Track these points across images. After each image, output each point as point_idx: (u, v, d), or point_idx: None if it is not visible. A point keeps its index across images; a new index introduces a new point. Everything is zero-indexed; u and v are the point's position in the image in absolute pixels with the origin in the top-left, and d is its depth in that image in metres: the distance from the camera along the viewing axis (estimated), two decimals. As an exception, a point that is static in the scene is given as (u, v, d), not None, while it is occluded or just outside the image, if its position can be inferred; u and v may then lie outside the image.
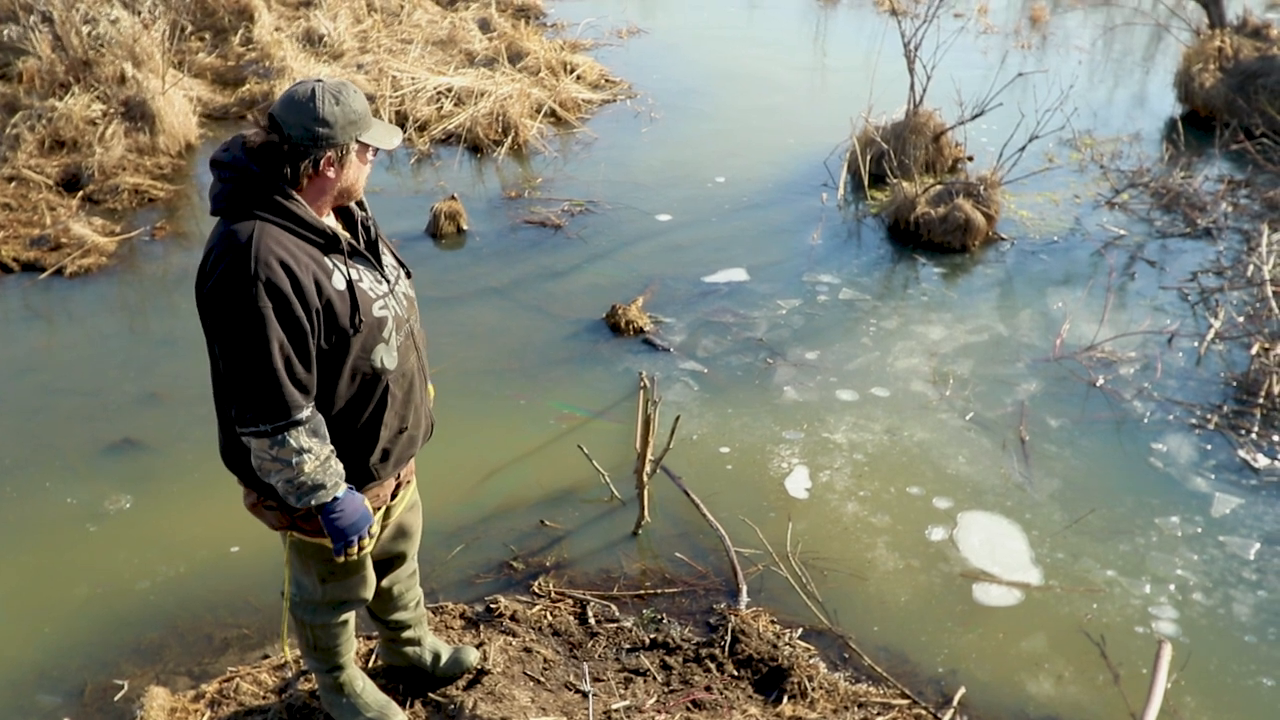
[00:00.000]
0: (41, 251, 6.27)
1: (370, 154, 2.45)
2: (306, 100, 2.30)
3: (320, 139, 2.31)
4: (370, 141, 2.39)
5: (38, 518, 4.23)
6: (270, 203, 2.31)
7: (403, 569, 3.07)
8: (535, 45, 10.15)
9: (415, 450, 2.72)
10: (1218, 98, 9.63)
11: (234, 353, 2.29)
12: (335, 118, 2.31)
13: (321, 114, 2.30)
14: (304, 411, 2.34)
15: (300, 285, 2.28)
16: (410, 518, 2.98)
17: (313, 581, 2.79)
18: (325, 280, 2.34)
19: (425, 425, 2.74)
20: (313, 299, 2.31)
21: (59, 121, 7.52)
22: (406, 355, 2.57)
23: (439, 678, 3.34)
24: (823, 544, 4.25)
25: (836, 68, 11.30)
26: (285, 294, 2.25)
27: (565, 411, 5.03)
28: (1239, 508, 4.56)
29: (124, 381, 5.13)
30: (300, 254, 2.31)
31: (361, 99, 2.39)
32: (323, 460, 2.38)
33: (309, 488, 2.38)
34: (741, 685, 3.49)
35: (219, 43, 9.85)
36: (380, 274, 2.53)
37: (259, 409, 2.30)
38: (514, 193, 7.56)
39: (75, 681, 3.48)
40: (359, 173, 2.44)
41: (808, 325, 5.95)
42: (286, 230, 2.32)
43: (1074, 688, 3.62)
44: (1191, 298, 6.43)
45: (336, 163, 2.37)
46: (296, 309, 2.28)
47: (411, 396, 2.62)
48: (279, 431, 2.31)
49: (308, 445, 2.35)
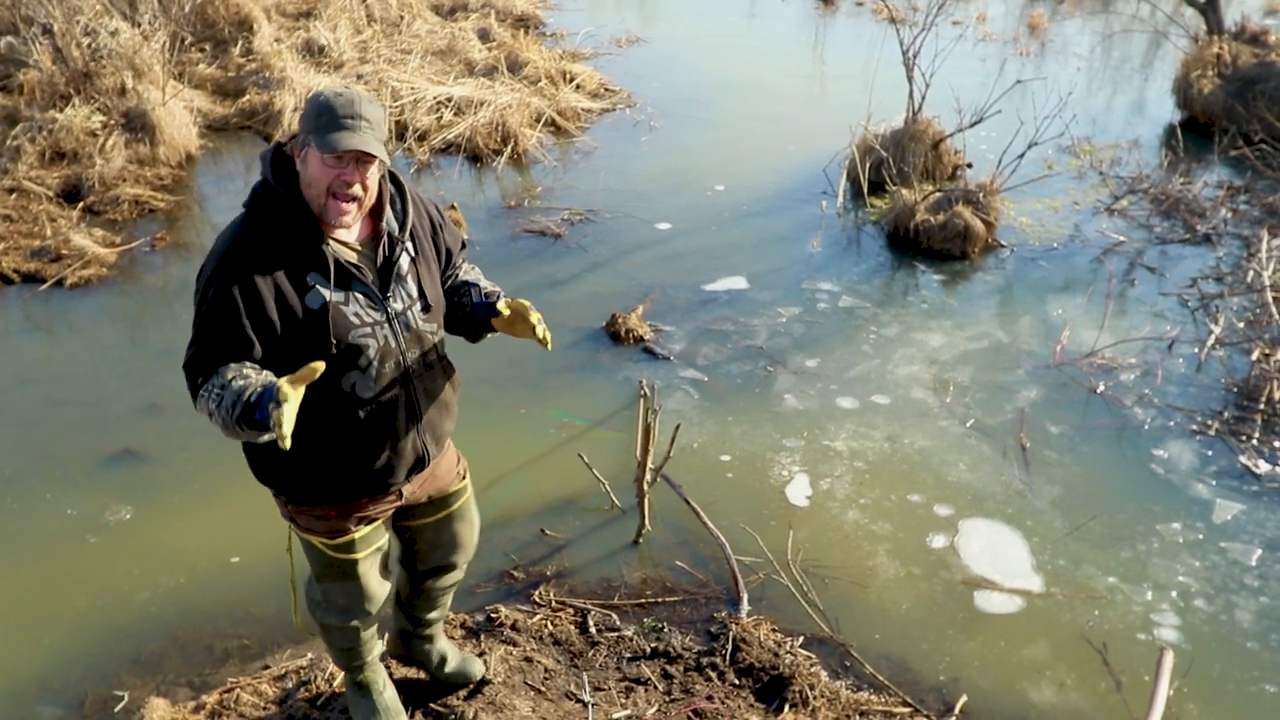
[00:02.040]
0: (42, 263, 6.27)
1: (329, 159, 2.29)
2: (311, 95, 2.38)
3: (299, 130, 2.36)
4: (317, 144, 2.28)
5: (38, 528, 4.23)
6: (273, 208, 2.35)
7: (451, 576, 3.09)
8: (534, 55, 10.16)
9: (394, 480, 2.63)
10: (1216, 104, 9.64)
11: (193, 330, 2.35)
12: (307, 114, 2.33)
13: (307, 107, 2.35)
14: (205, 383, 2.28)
15: (257, 297, 2.29)
16: (457, 530, 2.98)
17: (313, 575, 2.84)
18: (293, 297, 2.33)
19: (411, 458, 2.63)
20: (269, 312, 2.30)
21: (59, 133, 7.54)
22: (389, 387, 2.50)
23: (441, 681, 3.35)
24: (824, 552, 4.24)
25: (835, 75, 11.33)
26: (234, 305, 2.28)
27: (565, 420, 5.02)
28: (1240, 514, 4.56)
29: (124, 392, 5.13)
30: (273, 268, 2.31)
31: (343, 103, 2.29)
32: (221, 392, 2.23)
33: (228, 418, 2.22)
34: (743, 694, 3.48)
35: (219, 54, 9.87)
36: (378, 301, 2.46)
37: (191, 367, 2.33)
38: (514, 202, 7.57)
39: (75, 693, 3.48)
40: (314, 176, 2.31)
41: (808, 333, 5.95)
42: (278, 234, 2.33)
43: (1076, 695, 3.61)
44: (1191, 304, 6.43)
45: (299, 157, 2.35)
46: (242, 320, 2.29)
47: (388, 429, 2.54)
48: (194, 395, 2.32)
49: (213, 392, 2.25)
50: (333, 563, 2.73)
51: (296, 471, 2.53)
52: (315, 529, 2.67)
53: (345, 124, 2.29)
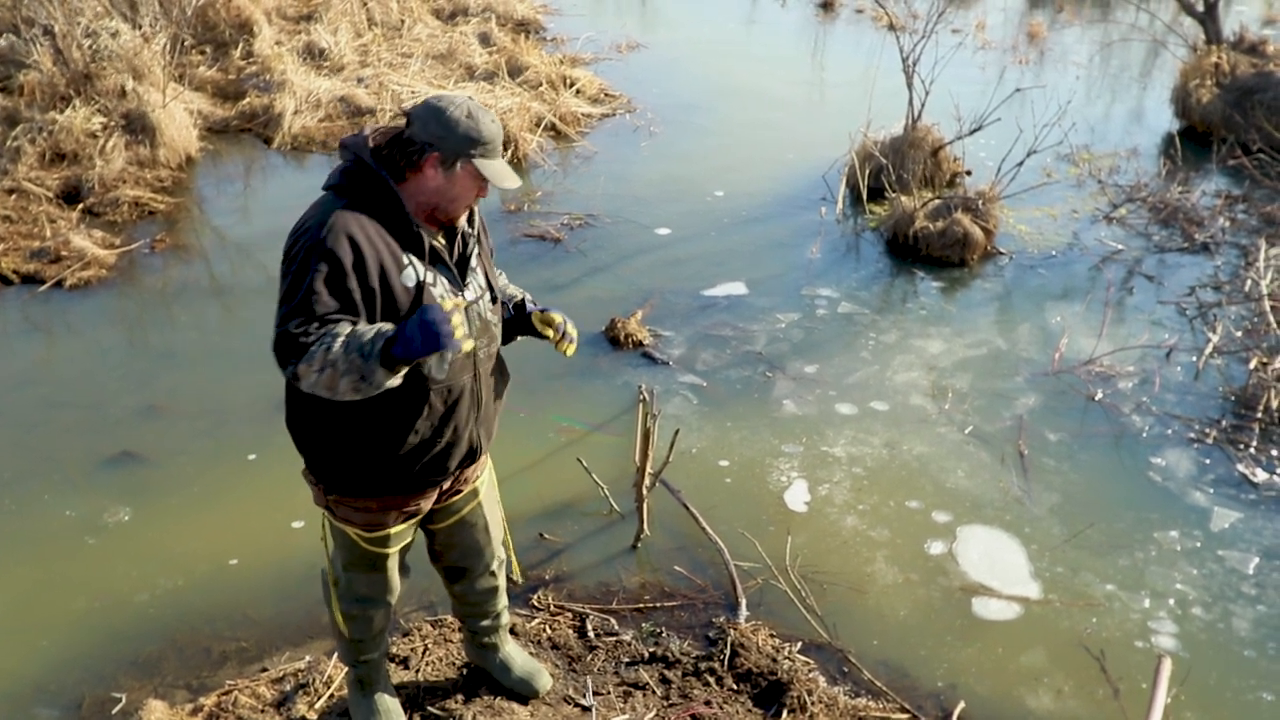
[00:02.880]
0: (41, 264, 6.27)
1: (481, 182, 2.48)
2: (445, 103, 2.43)
3: (433, 137, 2.41)
4: (484, 170, 2.44)
5: (36, 530, 4.22)
6: (369, 187, 2.40)
7: (475, 583, 3.13)
8: (535, 59, 10.18)
9: (447, 466, 2.69)
10: (1215, 113, 9.67)
11: (281, 292, 2.34)
12: (456, 125, 2.41)
13: (446, 116, 2.41)
14: (312, 337, 2.27)
15: (363, 263, 2.33)
16: (469, 534, 3.01)
17: (340, 565, 2.87)
18: (393, 271, 2.39)
19: (465, 448, 2.71)
20: (372, 279, 2.35)
21: (59, 134, 7.54)
22: (459, 372, 2.57)
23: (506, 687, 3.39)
24: (822, 558, 4.24)
25: (835, 83, 11.35)
26: (342, 264, 2.30)
27: (564, 425, 5.03)
28: (1238, 522, 4.56)
29: (123, 394, 5.13)
30: (376, 238, 2.37)
31: (495, 128, 2.47)
32: (345, 337, 2.27)
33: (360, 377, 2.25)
34: (741, 699, 3.48)
35: (219, 56, 9.88)
36: (458, 287, 2.55)
37: (281, 351, 2.29)
38: (513, 206, 7.58)
39: (73, 695, 3.47)
40: (461, 191, 2.47)
41: (807, 339, 5.95)
42: (373, 214, 2.39)
43: (1073, 702, 3.62)
44: (1189, 312, 6.44)
45: (439, 166, 2.43)
46: (350, 281, 2.32)
47: (455, 413, 2.61)
48: (298, 362, 2.26)
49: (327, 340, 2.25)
50: (365, 554, 2.79)
51: (353, 459, 2.56)
52: (353, 520, 2.71)
53: (499, 153, 2.49)
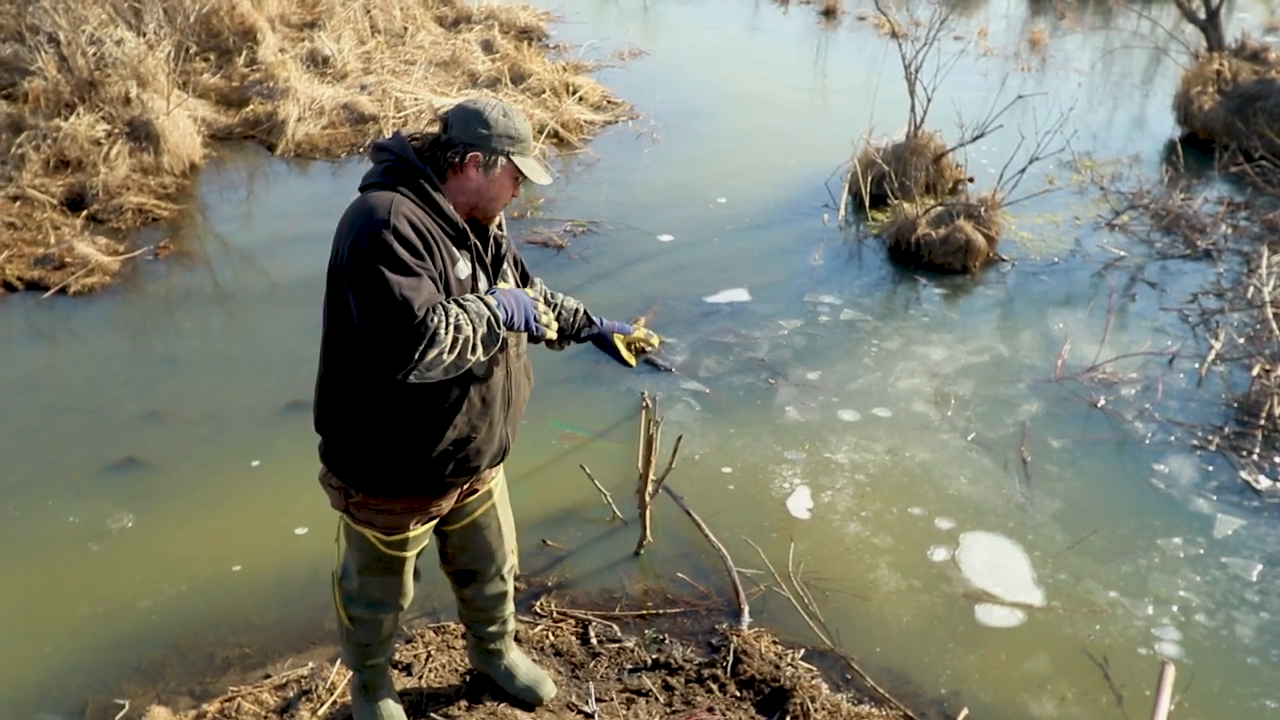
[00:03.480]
0: (46, 270, 6.29)
1: (517, 179, 2.55)
2: (481, 105, 2.52)
3: (475, 137, 2.48)
4: (522, 167, 2.52)
5: (40, 536, 4.23)
6: (415, 185, 2.44)
7: (484, 587, 3.14)
8: (538, 67, 10.21)
9: (479, 465, 2.69)
10: (1217, 120, 9.69)
11: (369, 299, 2.28)
12: (495, 124, 2.49)
13: (485, 116, 2.49)
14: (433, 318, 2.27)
15: (429, 245, 2.36)
16: (482, 536, 3.02)
17: (354, 568, 2.87)
18: (449, 261, 2.43)
19: (497, 447, 2.73)
20: (439, 262, 2.39)
21: (64, 141, 7.56)
22: (495, 370, 2.60)
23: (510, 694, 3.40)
24: (825, 564, 4.24)
25: (837, 89, 11.37)
26: (414, 245, 2.32)
27: (567, 431, 5.03)
28: (1241, 529, 4.56)
29: (126, 400, 5.14)
30: (432, 228, 2.41)
31: (527, 126, 2.55)
32: (463, 309, 2.33)
33: (487, 330, 2.36)
34: (744, 706, 3.48)
35: (223, 64, 9.91)
36: (492, 288, 2.58)
37: (405, 339, 2.25)
38: (516, 213, 7.59)
39: (76, 701, 3.47)
40: (500, 190, 2.54)
41: (809, 345, 5.96)
42: (422, 209, 2.42)
43: (1077, 709, 3.61)
44: (1192, 319, 6.44)
45: (481, 166, 2.50)
46: (426, 260, 2.34)
47: (489, 412, 2.63)
48: (428, 346, 2.26)
49: (451, 319, 2.29)
50: (382, 557, 2.79)
51: (388, 457, 2.56)
52: (374, 523, 2.71)
53: (533, 149, 2.58)
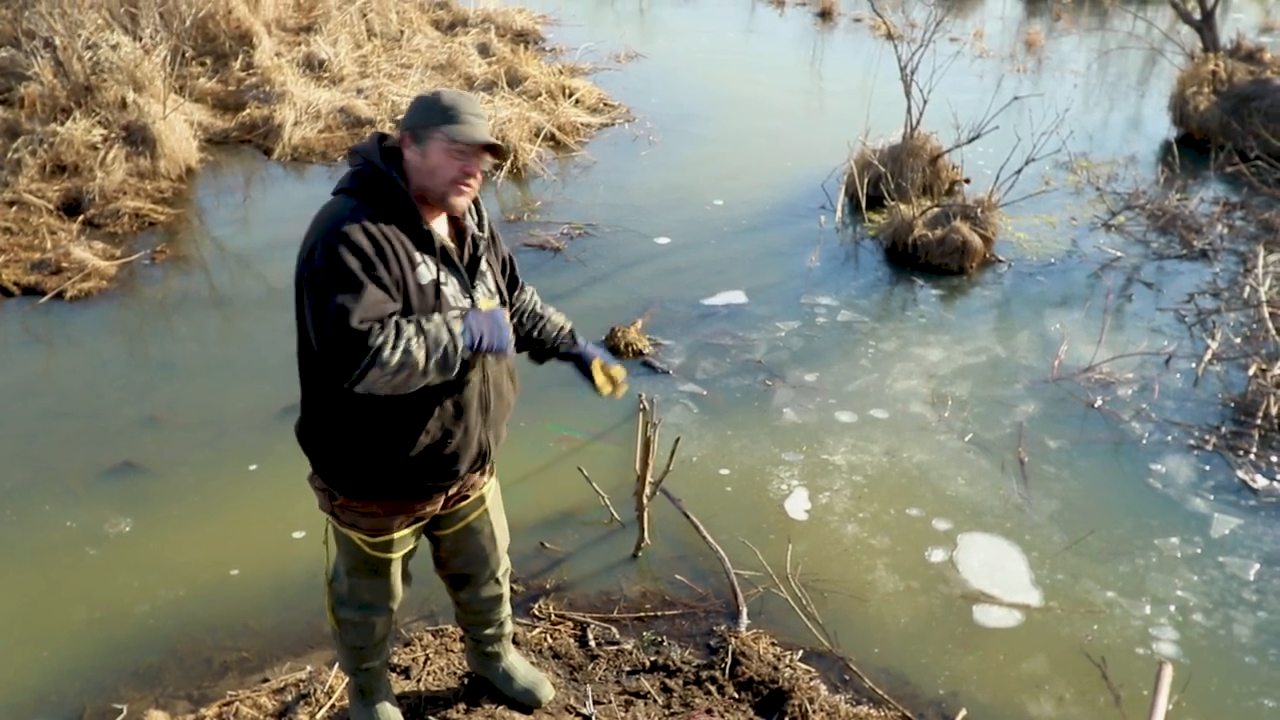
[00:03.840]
0: (42, 275, 6.28)
1: (454, 150, 2.43)
2: (428, 92, 2.51)
3: (407, 120, 2.48)
4: (450, 134, 2.42)
5: (37, 541, 4.22)
6: (380, 188, 2.43)
7: (479, 590, 3.14)
8: (534, 70, 10.22)
9: (457, 469, 2.68)
10: (1212, 121, 9.71)
11: (318, 308, 2.29)
12: (432, 102, 2.46)
13: (426, 97, 2.48)
14: (392, 306, 2.31)
15: (384, 255, 2.34)
16: (474, 541, 3.02)
17: (343, 570, 2.87)
18: (409, 267, 2.41)
19: (475, 451, 2.70)
20: (395, 270, 2.36)
21: (60, 146, 7.56)
22: (469, 375, 2.58)
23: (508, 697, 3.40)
24: (823, 566, 4.25)
25: (833, 91, 11.38)
26: (369, 256, 2.31)
27: (564, 434, 5.03)
28: (1238, 528, 4.57)
29: (124, 405, 5.13)
30: (390, 234, 2.39)
31: (461, 99, 2.47)
32: (423, 332, 2.32)
33: (441, 356, 2.34)
34: (742, 708, 3.48)
35: (220, 68, 9.91)
36: (468, 290, 2.55)
37: (346, 354, 2.24)
38: (513, 216, 7.59)
39: (74, 706, 3.47)
40: (437, 164, 2.44)
41: (806, 347, 5.96)
42: (385, 214, 2.40)
43: (1075, 709, 3.61)
44: (1188, 319, 6.45)
45: (412, 144, 2.46)
46: (379, 270, 2.32)
47: (464, 417, 2.61)
48: (369, 365, 2.24)
49: (401, 342, 2.27)
50: (368, 559, 2.78)
51: (363, 461, 2.56)
52: (358, 525, 2.71)
53: (471, 120, 2.46)
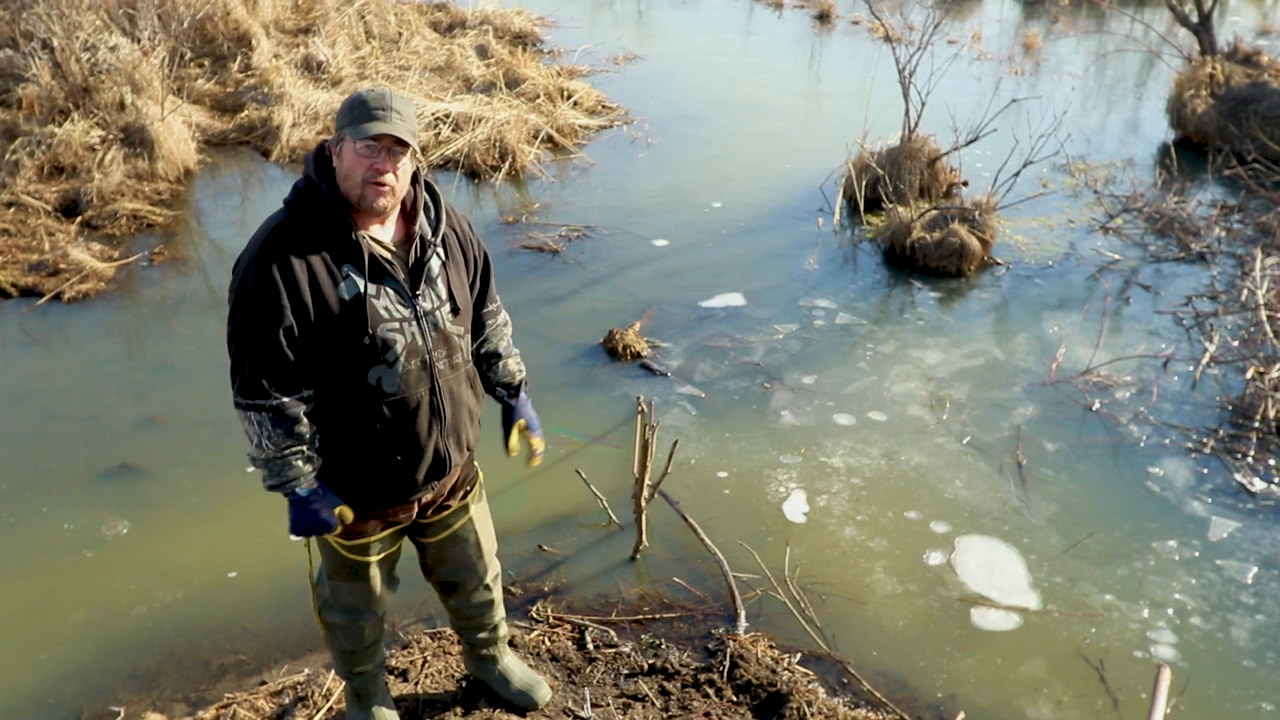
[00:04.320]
0: (40, 277, 6.28)
1: (362, 149, 2.36)
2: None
3: (335, 130, 2.47)
4: (351, 132, 2.36)
5: (34, 543, 4.21)
6: (310, 201, 2.43)
7: (469, 597, 3.12)
8: (532, 72, 10.22)
9: (415, 478, 2.65)
10: (1210, 124, 9.72)
11: (228, 324, 2.43)
12: (344, 104, 2.44)
13: (341, 106, 2.46)
14: (273, 400, 2.41)
15: (294, 282, 2.35)
16: (460, 550, 2.99)
17: (325, 573, 2.88)
18: (328, 284, 2.39)
19: (431, 461, 2.65)
20: (304, 297, 2.36)
21: (58, 148, 7.56)
22: (415, 384, 2.54)
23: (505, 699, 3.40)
24: (821, 568, 4.25)
25: (832, 94, 11.39)
26: (274, 285, 2.34)
27: (563, 436, 5.03)
28: (1236, 531, 4.57)
29: (121, 407, 5.13)
30: (310, 255, 2.38)
31: (376, 96, 2.39)
32: (282, 456, 2.46)
33: (265, 474, 2.49)
34: (740, 711, 3.48)
35: (218, 69, 9.91)
36: (407, 298, 2.51)
37: (237, 382, 2.44)
38: (511, 218, 7.59)
39: (71, 708, 3.46)
40: (349, 166, 2.38)
41: (804, 350, 5.96)
42: (315, 227, 2.40)
43: (1073, 712, 3.61)
44: (1186, 322, 6.46)
45: (334, 150, 2.45)
46: (281, 300, 2.35)
47: (413, 427, 2.57)
48: (248, 409, 2.43)
49: (269, 433, 2.43)
50: (346, 562, 2.78)
51: (324, 471, 2.59)
52: None
53: (377, 114, 2.39)
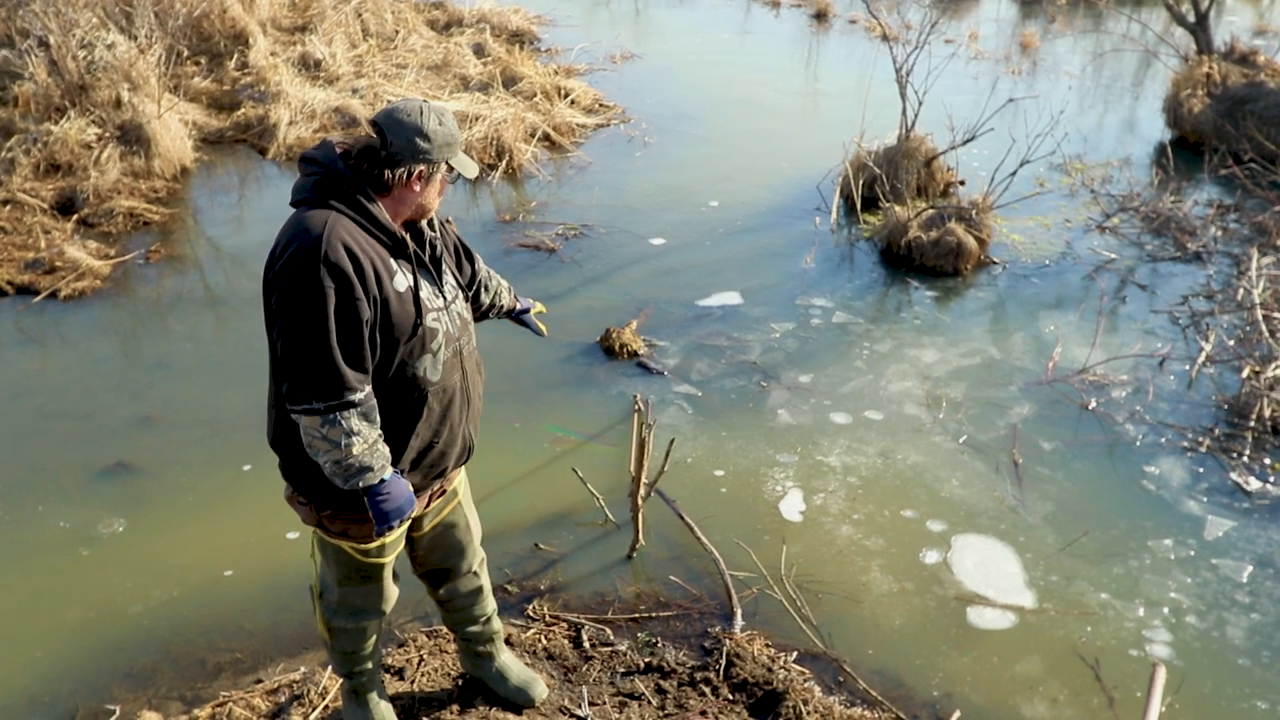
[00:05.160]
0: (36, 275, 6.27)
1: (451, 178, 2.57)
2: (415, 115, 2.44)
3: (419, 152, 2.44)
4: (458, 167, 2.53)
5: (30, 541, 4.21)
6: (350, 199, 2.41)
7: (459, 584, 3.12)
8: (529, 70, 10.21)
9: (445, 467, 2.72)
10: (1206, 123, 9.73)
11: (293, 330, 2.33)
12: (436, 136, 2.45)
13: (425, 129, 2.44)
14: (357, 394, 2.38)
15: (363, 272, 2.35)
16: (450, 535, 3.00)
17: (332, 581, 2.86)
18: (386, 277, 2.42)
19: (460, 447, 2.75)
20: (373, 288, 2.37)
21: (54, 145, 7.54)
22: (450, 372, 2.61)
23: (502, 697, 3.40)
24: (817, 567, 4.25)
25: (829, 93, 11.39)
26: (348, 276, 2.32)
27: (559, 435, 5.03)
28: (1231, 530, 4.58)
29: (118, 405, 5.12)
30: (367, 247, 2.39)
31: (455, 124, 2.53)
32: (371, 444, 2.42)
33: (355, 470, 2.41)
34: (737, 709, 3.48)
35: (214, 67, 9.89)
36: (439, 289, 2.60)
37: (313, 386, 2.34)
38: (508, 216, 7.59)
39: (67, 707, 3.46)
40: (437, 194, 2.55)
41: (801, 348, 5.97)
42: (358, 224, 2.41)
43: (1069, 711, 3.62)
44: (1182, 321, 6.47)
45: (425, 179, 2.49)
46: (357, 291, 2.34)
47: (449, 414, 2.65)
48: (331, 411, 2.35)
49: (357, 428, 2.38)
50: (360, 567, 2.78)
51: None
52: (348, 534, 2.70)
53: (461, 146, 2.57)
